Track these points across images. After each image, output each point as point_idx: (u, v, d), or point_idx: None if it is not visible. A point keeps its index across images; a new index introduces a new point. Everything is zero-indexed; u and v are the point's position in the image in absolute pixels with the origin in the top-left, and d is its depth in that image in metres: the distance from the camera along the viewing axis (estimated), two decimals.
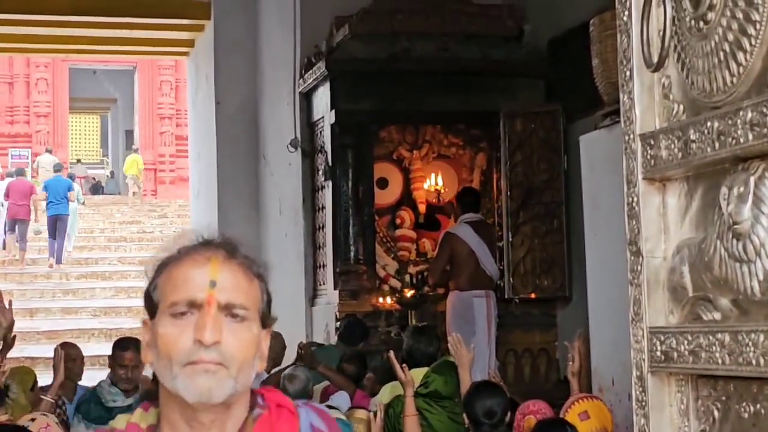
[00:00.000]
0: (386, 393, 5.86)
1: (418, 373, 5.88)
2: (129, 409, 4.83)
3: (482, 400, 4.66)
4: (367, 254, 8.54)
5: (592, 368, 5.82)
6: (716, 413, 1.94)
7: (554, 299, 8.58)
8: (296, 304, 9.32)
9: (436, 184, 9.18)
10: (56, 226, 17.94)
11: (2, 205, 18.92)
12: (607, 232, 5.71)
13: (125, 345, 5.82)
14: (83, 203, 21.84)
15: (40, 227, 19.42)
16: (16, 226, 18.17)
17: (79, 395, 6.14)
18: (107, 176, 31.23)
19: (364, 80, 8.54)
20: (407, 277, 8.96)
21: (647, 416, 2.04)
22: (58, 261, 18.03)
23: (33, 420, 4.52)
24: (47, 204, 18.23)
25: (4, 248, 18.76)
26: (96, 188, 29.38)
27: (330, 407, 5.27)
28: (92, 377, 7.32)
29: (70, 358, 6.04)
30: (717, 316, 1.90)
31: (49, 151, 25.59)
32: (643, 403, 2.05)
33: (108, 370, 5.98)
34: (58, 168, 20.95)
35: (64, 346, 6.13)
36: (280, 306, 7.82)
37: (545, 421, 4.41)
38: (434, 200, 9.23)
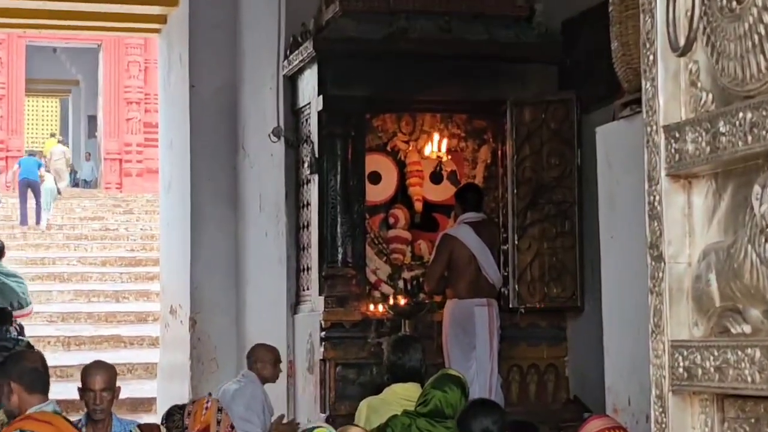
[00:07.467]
0: (363, 411, 5.87)
1: (402, 389, 5.90)
2: None
3: (478, 418, 4.69)
4: (356, 257, 8.54)
5: (607, 386, 5.83)
6: None
7: (564, 310, 8.58)
8: (277, 311, 9.32)
9: (439, 149, 9.11)
10: (28, 189, 22.43)
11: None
12: (625, 235, 5.72)
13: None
14: (59, 194, 24.57)
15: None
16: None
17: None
18: (84, 157, 31.36)
19: (356, 63, 8.53)
20: (401, 283, 8.96)
21: None
22: (38, 222, 22.16)
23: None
24: (20, 174, 23.06)
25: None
26: (73, 177, 29.67)
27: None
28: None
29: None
30: (747, 329, 1.91)
31: (61, 142, 29.75)
32: (663, 426, 2.05)
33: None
34: (32, 153, 25.99)
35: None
36: (259, 313, 7.95)
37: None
38: (435, 168, 9.20)
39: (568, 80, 8.64)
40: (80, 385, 5.68)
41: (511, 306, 8.45)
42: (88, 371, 5.71)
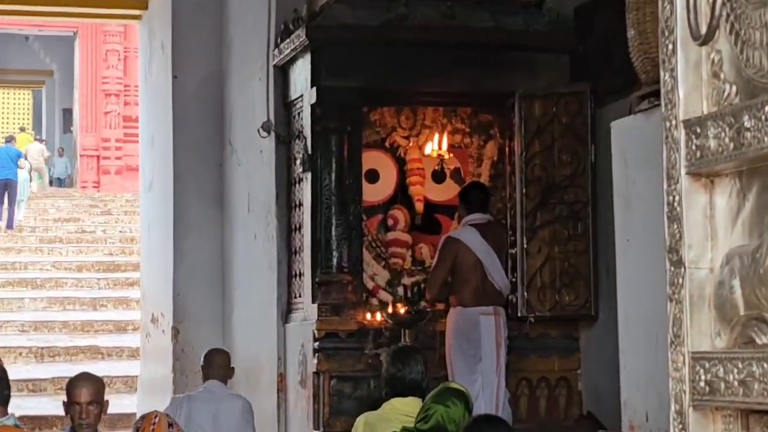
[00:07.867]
0: (359, 428, 5.88)
1: (401, 404, 5.90)
2: None
3: None
4: (352, 261, 8.55)
5: (622, 401, 5.83)
6: None
7: (577, 318, 8.60)
8: (267, 320, 9.32)
9: (440, 147, 9.10)
10: (5, 191, 22.17)
11: None
12: (642, 238, 5.73)
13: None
14: (31, 181, 25.35)
15: None
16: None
17: None
18: (57, 153, 31.36)
19: (352, 52, 8.55)
20: (400, 290, 8.96)
21: None
22: (9, 227, 21.68)
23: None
24: None
25: None
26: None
27: None
28: (19, 405, 7.34)
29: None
30: None
31: (39, 140, 30.20)
32: None
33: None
34: (9, 139, 25.49)
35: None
36: (247, 323, 8.00)
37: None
38: (437, 166, 9.20)
39: (581, 71, 8.65)
40: (65, 399, 5.70)
41: (519, 314, 8.45)
42: (73, 383, 5.72)
